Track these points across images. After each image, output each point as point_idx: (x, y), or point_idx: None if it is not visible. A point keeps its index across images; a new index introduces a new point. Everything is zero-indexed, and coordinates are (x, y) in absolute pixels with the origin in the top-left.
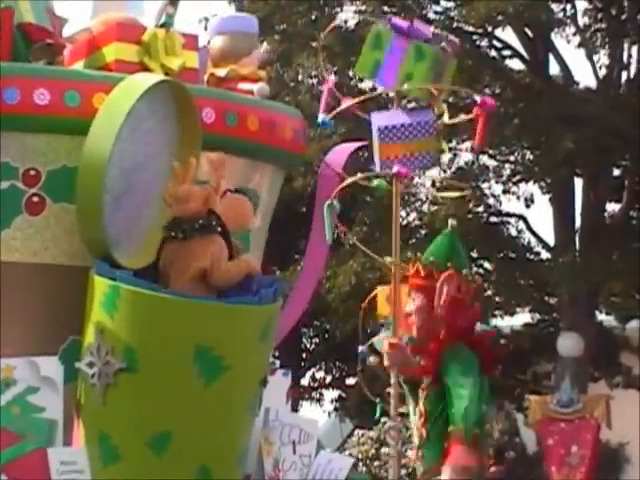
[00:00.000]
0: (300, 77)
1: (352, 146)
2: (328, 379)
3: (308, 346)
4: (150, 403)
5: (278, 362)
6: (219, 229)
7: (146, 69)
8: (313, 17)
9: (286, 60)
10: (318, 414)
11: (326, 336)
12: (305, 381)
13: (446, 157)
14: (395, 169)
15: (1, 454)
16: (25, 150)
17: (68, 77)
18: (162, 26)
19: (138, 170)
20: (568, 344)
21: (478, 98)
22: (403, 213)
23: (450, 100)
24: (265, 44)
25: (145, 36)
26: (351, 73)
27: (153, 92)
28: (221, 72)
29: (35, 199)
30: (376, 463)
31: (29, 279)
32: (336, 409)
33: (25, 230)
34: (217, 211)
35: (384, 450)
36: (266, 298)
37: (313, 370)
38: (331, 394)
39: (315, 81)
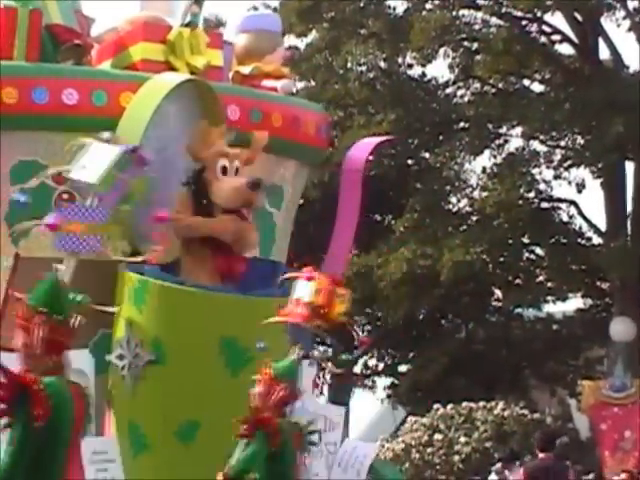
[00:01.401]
0: (349, 64)
1: (375, 141)
2: (380, 366)
3: (360, 333)
4: (178, 394)
5: (331, 350)
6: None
7: (172, 68)
8: (361, 4)
9: (335, 47)
10: (371, 401)
11: (378, 323)
12: (358, 368)
13: (496, 143)
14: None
15: None
16: (55, 149)
17: (95, 77)
18: (187, 25)
19: (165, 167)
20: (620, 329)
21: None
22: (454, 199)
23: None
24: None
25: (170, 35)
26: (400, 59)
27: (179, 91)
28: (245, 69)
29: (65, 195)
30: (429, 449)
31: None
32: (389, 396)
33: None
34: None
35: (436, 437)
36: (289, 291)
37: (365, 357)
38: (384, 381)
39: (364, 68)
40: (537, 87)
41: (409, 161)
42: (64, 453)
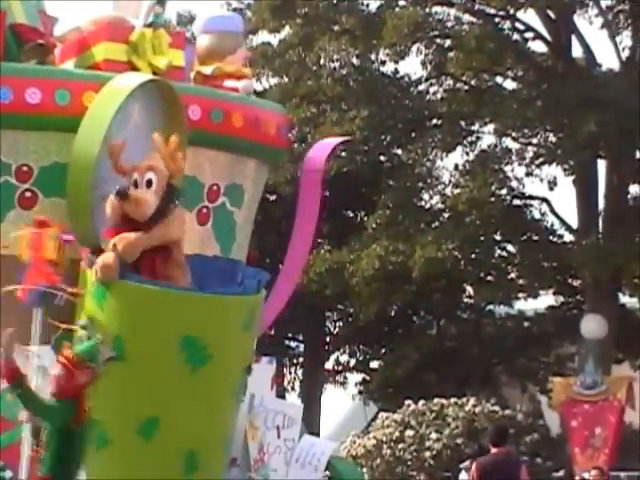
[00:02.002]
0: (322, 61)
1: (334, 142)
2: (352, 362)
3: (332, 329)
4: (138, 390)
5: (303, 346)
6: None
7: (134, 68)
8: (335, 1)
9: (308, 44)
10: (342, 397)
11: (350, 319)
12: (329, 364)
13: (468, 140)
14: None
15: None
16: (17, 147)
17: (59, 76)
18: (150, 25)
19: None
20: (591, 326)
21: None
22: (426, 196)
23: None
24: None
25: (133, 36)
26: (373, 56)
27: (140, 91)
28: (207, 70)
29: (28, 194)
30: (400, 446)
31: (22, 271)
32: (360, 392)
33: (18, 224)
34: None
35: (408, 433)
36: (250, 289)
37: (337, 353)
38: (355, 377)
39: (337, 65)
40: (510, 84)
41: (381, 158)
42: None
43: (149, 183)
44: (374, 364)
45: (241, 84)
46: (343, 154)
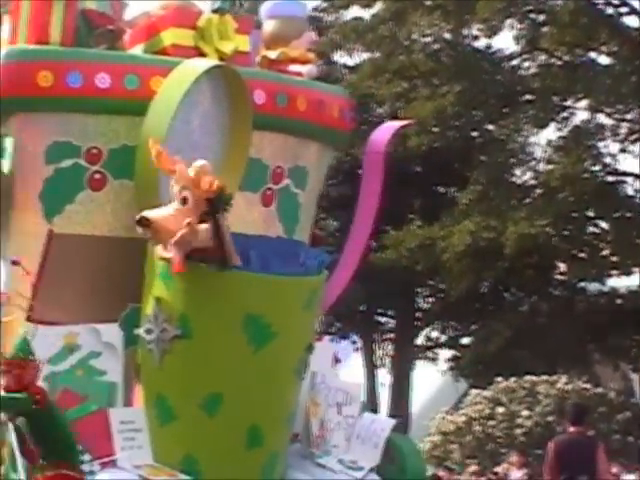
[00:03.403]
0: (414, 36)
1: (396, 125)
2: (443, 338)
3: (422, 306)
4: (203, 367)
5: (393, 321)
6: None
7: (201, 53)
8: None
9: (400, 19)
10: (433, 373)
11: (440, 295)
12: (420, 340)
13: (561, 116)
14: None
15: (67, 414)
16: (87, 130)
17: (128, 61)
18: (216, 11)
19: (193, 149)
20: None
21: None
22: (518, 172)
23: None
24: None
25: (200, 21)
26: (465, 31)
27: (207, 76)
28: (272, 54)
29: (97, 176)
30: (491, 423)
31: (92, 250)
32: (451, 368)
33: (87, 205)
34: None
35: (499, 410)
36: (311, 270)
37: (428, 330)
38: (446, 353)
39: (429, 40)
40: (603, 60)
41: (474, 133)
42: None
43: (184, 200)
44: (465, 340)
45: (305, 68)
46: (435, 129)
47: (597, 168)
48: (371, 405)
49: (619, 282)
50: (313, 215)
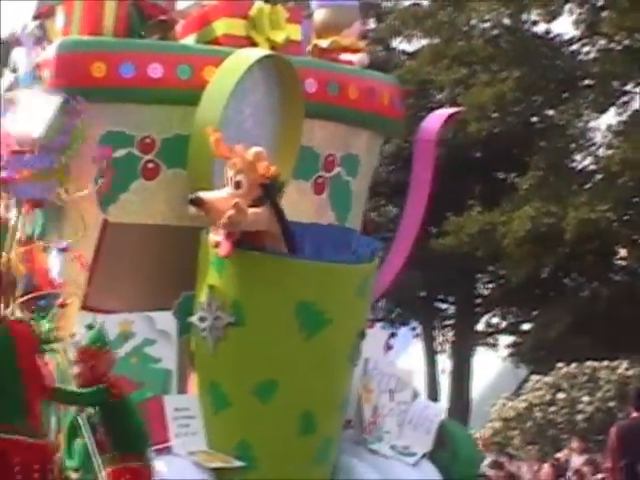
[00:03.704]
0: (473, 21)
1: (447, 112)
2: (503, 324)
3: (483, 291)
4: (256, 354)
5: (453, 308)
6: None
7: (253, 43)
8: None
9: (459, 4)
10: (493, 359)
11: (501, 281)
12: (480, 326)
13: (621, 100)
14: None
15: None
16: (141, 120)
17: (180, 51)
18: (268, 1)
19: (245, 138)
20: None
21: None
22: (579, 157)
23: None
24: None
25: (252, 11)
26: (524, 16)
27: (259, 65)
28: (324, 43)
29: (150, 165)
30: (552, 408)
31: (146, 239)
32: (511, 354)
33: (141, 194)
34: None
35: (559, 395)
36: (363, 257)
37: (488, 316)
38: (506, 339)
39: (488, 25)
40: None
41: (533, 119)
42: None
43: (238, 185)
44: (525, 326)
45: (356, 57)
46: (495, 115)
47: None
48: (431, 391)
49: None
50: (365, 202)
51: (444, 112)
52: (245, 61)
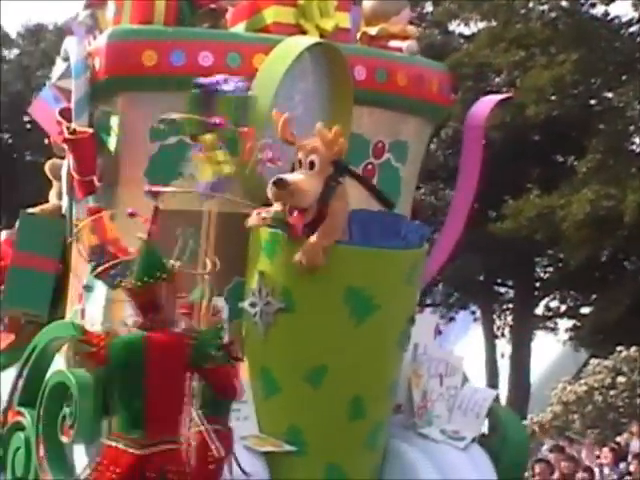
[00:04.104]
0: (531, 4)
1: (496, 98)
2: (562, 308)
3: (542, 275)
4: (306, 340)
5: (512, 291)
6: None
7: (302, 31)
8: None
9: None
10: (552, 343)
11: (560, 265)
12: (539, 310)
13: None
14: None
15: None
16: None
17: (230, 40)
18: None
19: (295, 125)
20: None
21: None
22: (638, 140)
23: None
24: None
25: None
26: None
27: (308, 53)
28: (372, 31)
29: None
30: (612, 392)
31: (196, 226)
32: (571, 338)
33: (192, 181)
34: None
35: (620, 379)
36: (412, 243)
37: (547, 299)
38: (565, 323)
39: (546, 7)
40: None
41: (592, 101)
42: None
43: (312, 165)
44: (585, 310)
45: (405, 44)
46: (553, 98)
47: None
48: (491, 375)
49: None
50: (414, 189)
51: (493, 98)
52: (295, 49)
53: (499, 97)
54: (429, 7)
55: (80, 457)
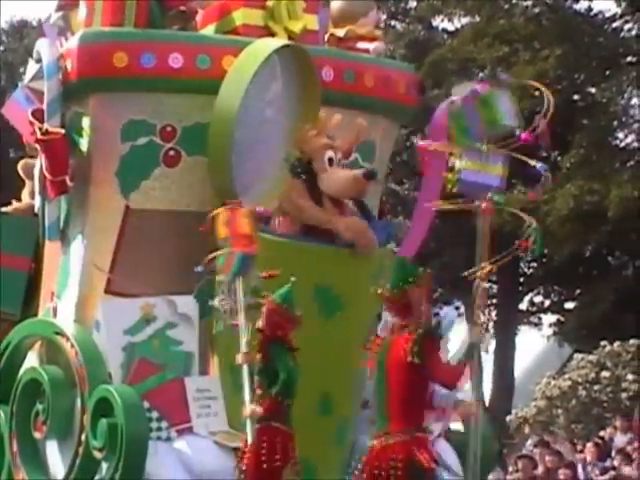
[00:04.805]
0: (514, 0)
1: None
2: (546, 303)
3: (526, 270)
4: None
5: (496, 286)
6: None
7: (271, 33)
8: None
9: None
10: (536, 338)
11: (544, 260)
12: (523, 305)
13: None
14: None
15: (144, 383)
16: (162, 109)
17: (199, 42)
18: None
19: (263, 125)
20: None
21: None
22: (621, 135)
23: None
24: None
25: (270, 1)
26: None
27: (277, 55)
28: (340, 32)
29: (171, 153)
30: (596, 387)
31: (167, 225)
32: (555, 333)
33: (163, 180)
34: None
35: (604, 374)
36: (378, 241)
37: (531, 294)
38: (549, 318)
39: (530, 3)
40: None
41: (575, 97)
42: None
43: (330, 161)
44: (569, 305)
45: (372, 45)
46: (536, 93)
47: None
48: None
49: None
50: (381, 189)
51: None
52: (263, 51)
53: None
54: (413, 2)
55: (53, 453)
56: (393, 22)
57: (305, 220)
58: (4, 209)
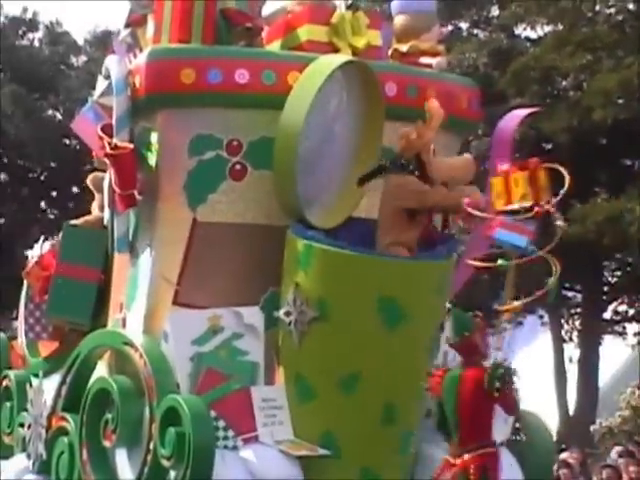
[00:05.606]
0: (597, 7)
1: (524, 112)
2: (631, 312)
3: (610, 279)
4: (340, 348)
5: (580, 296)
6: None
7: (335, 49)
8: None
9: None
10: (621, 347)
11: (628, 269)
12: (607, 314)
13: None
14: None
15: (211, 392)
16: (228, 124)
17: (265, 58)
18: (349, 8)
19: (328, 140)
20: None
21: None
22: None
23: None
24: None
25: (334, 18)
26: None
27: (341, 71)
28: (403, 47)
29: (238, 167)
30: None
31: (234, 237)
32: (639, 342)
33: (229, 194)
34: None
35: None
36: (440, 255)
37: (615, 303)
38: (634, 327)
39: (613, 10)
40: None
41: None
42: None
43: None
44: None
45: (435, 61)
46: (620, 101)
47: None
48: (559, 380)
49: None
50: None
51: (521, 112)
52: (328, 66)
53: (527, 111)
54: (495, 11)
55: (122, 461)
56: (475, 31)
57: (429, 202)
58: (74, 221)
